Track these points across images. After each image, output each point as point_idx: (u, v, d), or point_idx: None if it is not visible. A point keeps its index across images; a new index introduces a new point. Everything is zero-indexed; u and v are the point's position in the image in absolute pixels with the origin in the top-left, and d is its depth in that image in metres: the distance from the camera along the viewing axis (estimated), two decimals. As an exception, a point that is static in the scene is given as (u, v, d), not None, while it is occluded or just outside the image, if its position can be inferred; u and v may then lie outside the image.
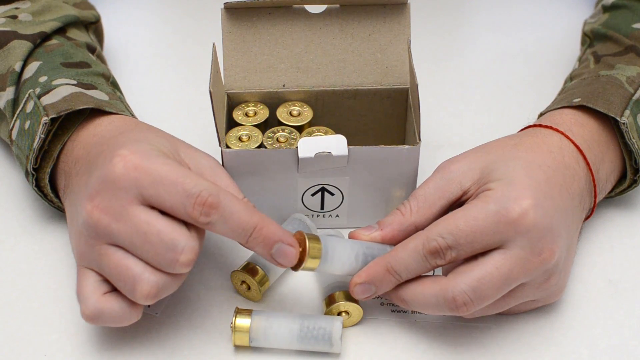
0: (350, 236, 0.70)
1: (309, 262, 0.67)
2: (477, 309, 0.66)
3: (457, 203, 0.69)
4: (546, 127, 0.73)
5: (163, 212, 0.65)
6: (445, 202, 0.69)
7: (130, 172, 0.64)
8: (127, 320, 0.66)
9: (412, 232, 0.69)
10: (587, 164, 0.72)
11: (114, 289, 0.66)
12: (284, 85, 0.80)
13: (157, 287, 0.64)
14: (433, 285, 0.66)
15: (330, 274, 0.70)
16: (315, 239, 0.67)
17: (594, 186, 0.73)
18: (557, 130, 0.73)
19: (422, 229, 0.69)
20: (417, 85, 0.72)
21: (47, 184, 0.74)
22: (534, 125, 0.75)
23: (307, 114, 0.79)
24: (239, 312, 0.69)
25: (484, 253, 0.66)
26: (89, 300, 0.65)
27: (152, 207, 0.64)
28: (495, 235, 0.65)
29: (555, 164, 0.70)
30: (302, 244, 0.67)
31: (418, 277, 0.68)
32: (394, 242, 0.69)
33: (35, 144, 0.72)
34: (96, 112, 0.74)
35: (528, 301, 0.70)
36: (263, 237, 0.65)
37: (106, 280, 0.66)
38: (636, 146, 0.74)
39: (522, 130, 0.75)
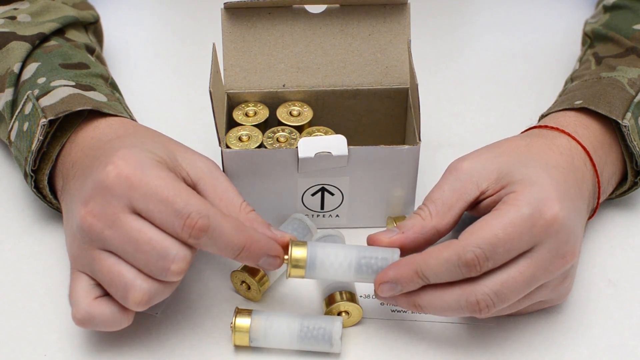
0: (369, 239, 0.69)
1: (293, 272, 0.67)
2: (497, 310, 0.65)
3: (474, 203, 0.69)
4: (553, 128, 0.73)
5: None
6: (464, 203, 0.68)
7: (122, 182, 0.64)
8: (117, 325, 0.66)
9: (434, 236, 0.68)
10: (594, 166, 0.72)
11: (105, 294, 0.66)
12: (284, 85, 0.80)
13: (149, 295, 0.64)
14: (454, 289, 0.65)
15: (324, 280, 0.70)
16: (301, 248, 0.67)
17: (599, 188, 0.73)
18: (564, 132, 0.73)
19: (444, 232, 0.69)
20: (417, 85, 0.72)
21: (45, 185, 0.74)
22: (540, 126, 0.74)
23: (307, 114, 0.79)
24: (239, 312, 0.69)
25: None
26: (80, 304, 0.65)
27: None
28: (530, 239, 0.65)
29: (567, 166, 0.70)
30: (287, 252, 0.67)
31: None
32: (416, 245, 0.68)
33: (34, 146, 0.72)
34: (94, 114, 0.74)
35: (537, 302, 0.69)
36: (250, 254, 0.65)
37: (99, 285, 0.66)
38: (637, 148, 0.74)
39: (526, 130, 0.75)
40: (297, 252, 0.67)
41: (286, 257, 0.67)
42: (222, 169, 0.73)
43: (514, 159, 0.69)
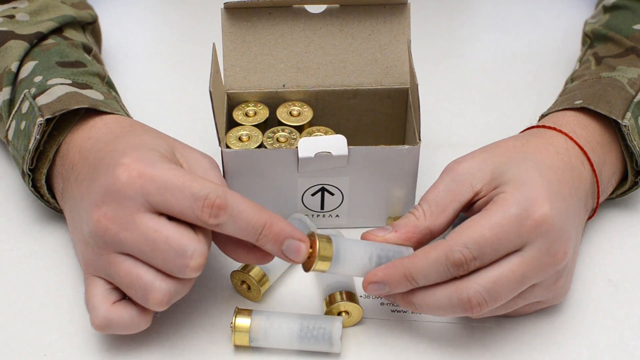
0: (363, 237, 0.70)
1: (319, 264, 0.66)
2: (490, 309, 0.66)
3: (469, 204, 0.69)
4: (550, 128, 0.73)
5: (170, 218, 0.65)
6: (458, 204, 0.69)
7: (135, 181, 0.64)
8: (137, 328, 0.66)
9: (427, 236, 0.69)
10: (592, 165, 0.72)
11: (123, 297, 0.66)
12: (284, 85, 0.80)
13: (169, 294, 0.64)
14: (446, 286, 0.65)
15: (343, 275, 0.70)
16: (327, 240, 0.67)
17: (597, 188, 0.73)
18: (561, 131, 0.73)
19: (437, 233, 0.69)
20: (417, 85, 0.72)
21: (43, 184, 0.74)
22: (538, 126, 0.74)
23: (307, 114, 0.79)
24: (239, 312, 0.69)
25: None
26: (98, 310, 0.65)
27: (159, 214, 0.64)
28: (518, 239, 0.65)
29: (563, 165, 0.70)
30: (312, 245, 0.66)
31: None
32: (409, 244, 0.69)
33: (31, 145, 0.72)
34: (91, 112, 0.73)
35: (533, 302, 0.70)
36: (273, 234, 0.65)
37: (115, 288, 0.66)
38: (637, 148, 0.74)
39: (525, 130, 0.75)
40: (324, 244, 0.66)
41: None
42: (221, 168, 0.73)
43: (508, 159, 0.69)
